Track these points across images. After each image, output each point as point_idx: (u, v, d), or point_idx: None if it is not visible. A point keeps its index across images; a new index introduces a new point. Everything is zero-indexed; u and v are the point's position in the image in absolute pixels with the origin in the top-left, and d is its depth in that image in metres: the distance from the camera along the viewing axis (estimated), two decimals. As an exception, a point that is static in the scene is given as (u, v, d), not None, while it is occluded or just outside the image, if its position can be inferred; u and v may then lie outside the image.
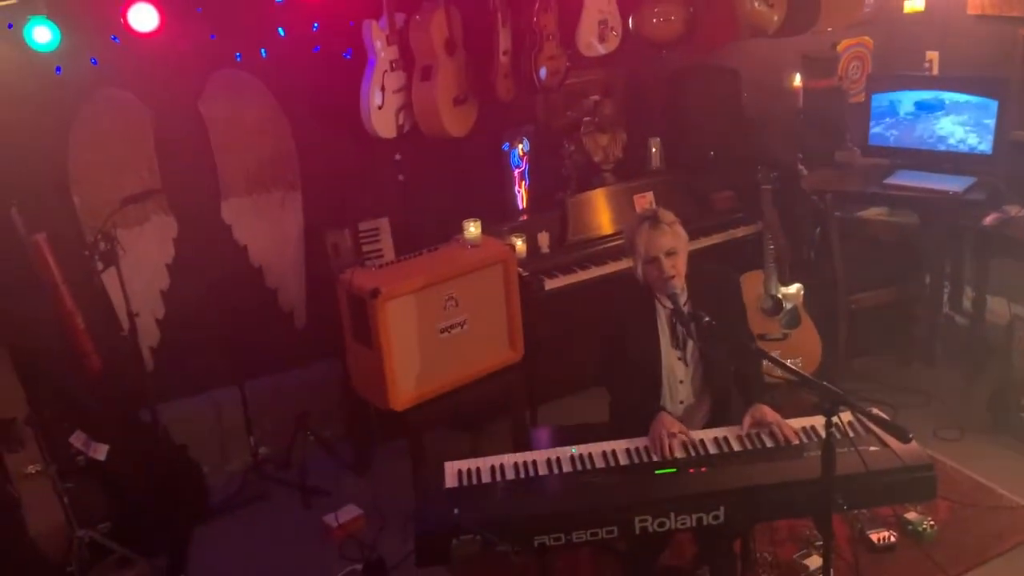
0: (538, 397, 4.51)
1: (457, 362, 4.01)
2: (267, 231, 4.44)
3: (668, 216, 3.11)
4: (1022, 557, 3.49)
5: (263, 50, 3.77)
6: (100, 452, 3.68)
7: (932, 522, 3.62)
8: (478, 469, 3.05)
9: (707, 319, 2.89)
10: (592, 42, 4.52)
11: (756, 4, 4.69)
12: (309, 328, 4.62)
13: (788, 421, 3.07)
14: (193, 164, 4.20)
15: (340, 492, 4.24)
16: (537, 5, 4.29)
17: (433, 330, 3.92)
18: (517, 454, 3.13)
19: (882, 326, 4.94)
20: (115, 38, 3.64)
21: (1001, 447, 4.15)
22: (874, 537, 3.58)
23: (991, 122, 4.70)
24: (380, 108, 4.16)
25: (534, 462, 3.06)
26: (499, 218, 4.52)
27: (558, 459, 3.06)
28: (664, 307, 3.16)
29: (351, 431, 4.56)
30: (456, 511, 2.83)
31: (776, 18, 4.76)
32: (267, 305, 4.51)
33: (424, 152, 4.49)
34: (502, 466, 3.06)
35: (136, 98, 4.01)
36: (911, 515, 3.65)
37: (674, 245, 3.06)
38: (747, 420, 3.07)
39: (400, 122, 4.27)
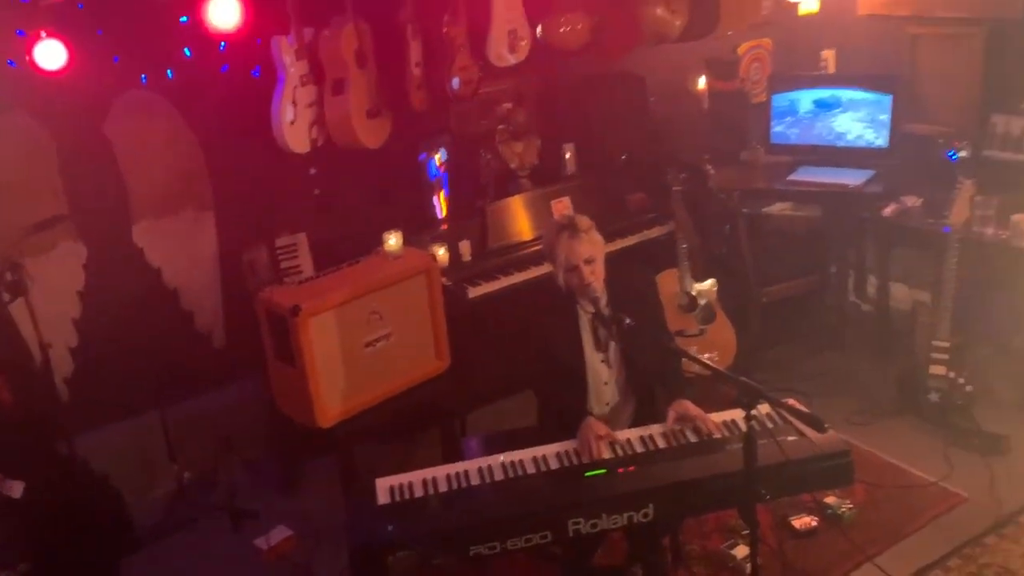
0: (467, 404, 4.54)
1: (384, 375, 4.01)
2: (181, 252, 4.36)
3: (584, 223, 3.18)
4: (937, 532, 3.67)
5: (169, 71, 3.70)
6: (15, 490, 3.56)
7: (850, 505, 3.77)
8: (410, 483, 3.07)
9: (628, 320, 2.96)
10: (502, 52, 4.56)
11: (659, 11, 4.81)
12: (228, 348, 4.54)
13: (710, 415, 3.17)
14: (101, 188, 4.09)
15: (269, 513, 4.18)
16: (446, 17, 4.32)
17: (358, 344, 3.91)
18: (448, 466, 3.16)
19: (793, 316, 5.14)
20: (12, 62, 3.53)
21: (910, 428, 4.35)
22: (796, 523, 3.72)
23: (886, 117, 4.93)
24: (292, 123, 4.12)
25: (466, 472, 3.09)
26: (419, 228, 4.52)
27: (489, 467, 3.10)
28: (586, 311, 3.23)
29: (277, 450, 4.51)
30: (390, 527, 2.85)
31: (678, 23, 4.88)
32: (184, 327, 4.42)
33: (340, 165, 4.46)
34: (434, 479, 3.08)
35: (37, 123, 3.89)
36: (830, 499, 3.79)
37: (592, 252, 3.14)
38: (671, 416, 3.17)
39: (313, 136, 4.23)
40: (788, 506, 3.79)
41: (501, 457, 3.13)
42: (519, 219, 4.70)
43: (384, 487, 3.05)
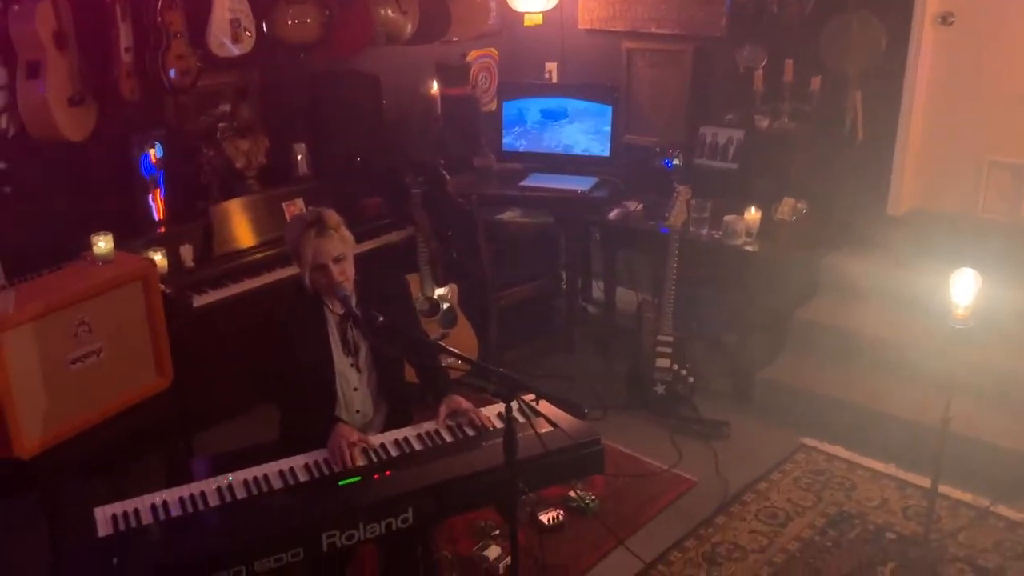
0: (196, 424, 4.15)
1: (95, 395, 3.55)
2: None
3: (333, 219, 3.00)
4: (674, 515, 3.84)
5: None
6: None
7: (593, 496, 3.86)
8: (136, 510, 2.70)
9: (380, 318, 2.81)
10: (224, 42, 4.25)
11: (390, 11, 4.74)
12: None
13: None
14: None
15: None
16: (161, 1, 3.97)
17: (62, 361, 3.43)
18: (182, 487, 2.81)
19: (527, 319, 5.25)
20: None
21: (639, 420, 4.55)
22: (544, 518, 3.74)
23: (608, 128, 5.18)
24: (-23, 110, 3.57)
25: (202, 493, 2.77)
26: (132, 232, 4.07)
27: (230, 486, 2.80)
28: (334, 313, 3.04)
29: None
30: (115, 560, 2.48)
31: (409, 26, 4.84)
32: None
33: (37, 159, 3.92)
34: (165, 503, 2.73)
35: None
36: (573, 493, 3.86)
37: (342, 250, 2.96)
38: (443, 410, 3.05)
39: (4, 125, 3.71)
40: (534, 502, 3.81)
41: (243, 473, 2.85)
42: (249, 222, 4.38)
43: (105, 516, 2.65)
